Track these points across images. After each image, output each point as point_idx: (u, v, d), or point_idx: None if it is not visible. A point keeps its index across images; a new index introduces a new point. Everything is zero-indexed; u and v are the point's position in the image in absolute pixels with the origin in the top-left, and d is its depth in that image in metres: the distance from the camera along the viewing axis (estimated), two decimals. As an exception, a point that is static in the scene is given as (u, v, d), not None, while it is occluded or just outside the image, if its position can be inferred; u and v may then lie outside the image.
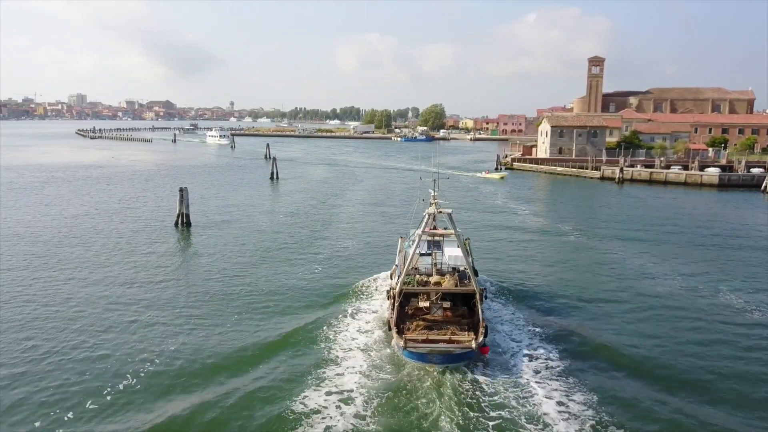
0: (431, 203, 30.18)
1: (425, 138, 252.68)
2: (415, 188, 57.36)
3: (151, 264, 41.55)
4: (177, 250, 46.54)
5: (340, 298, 34.35)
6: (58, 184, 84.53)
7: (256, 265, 42.02)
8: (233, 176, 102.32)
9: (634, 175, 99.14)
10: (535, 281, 39.21)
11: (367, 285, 36.70)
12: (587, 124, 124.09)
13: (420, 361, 24.93)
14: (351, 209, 68.12)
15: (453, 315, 28.76)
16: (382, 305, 31.80)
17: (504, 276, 39.92)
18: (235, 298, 34.47)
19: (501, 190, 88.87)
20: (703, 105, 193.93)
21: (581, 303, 34.80)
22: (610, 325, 31.40)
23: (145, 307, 32.69)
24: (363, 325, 29.65)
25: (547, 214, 68.56)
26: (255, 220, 59.12)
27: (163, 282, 37.47)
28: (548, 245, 51.38)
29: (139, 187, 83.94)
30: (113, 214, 60.54)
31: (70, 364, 25.37)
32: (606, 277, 40.65)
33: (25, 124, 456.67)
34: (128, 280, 37.55)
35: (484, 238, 51.98)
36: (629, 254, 47.31)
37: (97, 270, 39.72)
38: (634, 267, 43.35)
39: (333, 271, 40.43)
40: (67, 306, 32.52)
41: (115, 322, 30.33)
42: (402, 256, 32.70)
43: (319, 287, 36.59)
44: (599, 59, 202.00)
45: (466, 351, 24.95)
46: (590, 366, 26.02)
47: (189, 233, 52.35)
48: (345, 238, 51.15)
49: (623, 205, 75.27)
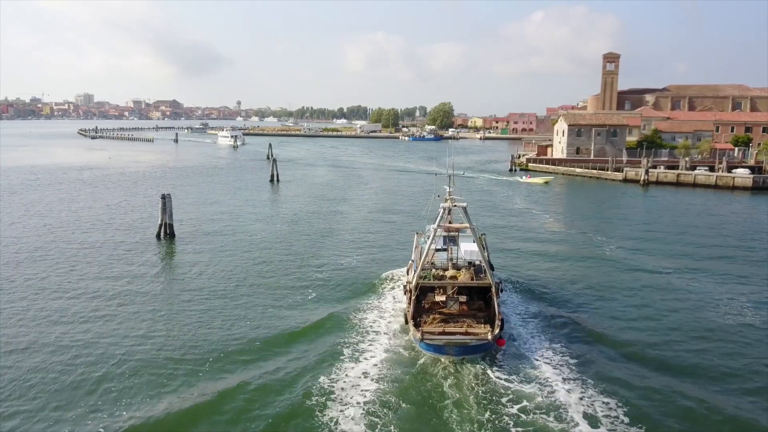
0: (446, 199, 30.02)
1: (434, 137, 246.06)
2: (427, 191, 57.04)
3: (118, 290, 35.59)
4: (155, 267, 40.48)
5: (356, 295, 34.31)
6: (42, 188, 78.83)
7: (247, 283, 36.17)
8: (231, 178, 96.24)
9: (659, 177, 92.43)
10: (552, 279, 38.55)
11: (382, 281, 36.74)
12: (606, 122, 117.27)
13: (437, 353, 25.21)
14: (357, 215, 61.83)
15: (469, 308, 28.89)
16: (399, 300, 32.26)
17: (520, 273, 39.45)
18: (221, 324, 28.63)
19: (518, 192, 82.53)
20: (723, 103, 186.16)
21: (600, 302, 34.26)
22: (627, 322, 30.91)
23: (106, 342, 26.82)
24: (380, 320, 29.93)
25: (567, 218, 62.58)
26: (249, 229, 53.03)
27: (128, 311, 31.54)
28: (569, 249, 47.88)
29: (128, 191, 77.95)
30: (91, 224, 54.63)
31: None
32: (629, 281, 38.63)
33: (30, 123, 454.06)
34: (90, 310, 31.61)
35: (501, 241, 48.12)
36: (663, 264, 42.44)
37: (53, 300, 33.81)
38: (667, 277, 39.11)
39: (338, 284, 35.45)
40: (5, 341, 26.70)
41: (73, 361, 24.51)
42: (418, 251, 32.96)
43: (329, 291, 34.84)
44: (614, 55, 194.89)
45: (483, 343, 25.16)
46: (606, 358, 26.15)
47: (172, 246, 46.36)
48: (348, 250, 44.98)
49: (652, 210, 68.73)
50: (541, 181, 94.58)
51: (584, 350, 26.63)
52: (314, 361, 25.08)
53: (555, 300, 34.16)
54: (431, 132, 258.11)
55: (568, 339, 27.91)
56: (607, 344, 27.73)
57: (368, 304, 32.16)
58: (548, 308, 32.39)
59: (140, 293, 34.55)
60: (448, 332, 26.09)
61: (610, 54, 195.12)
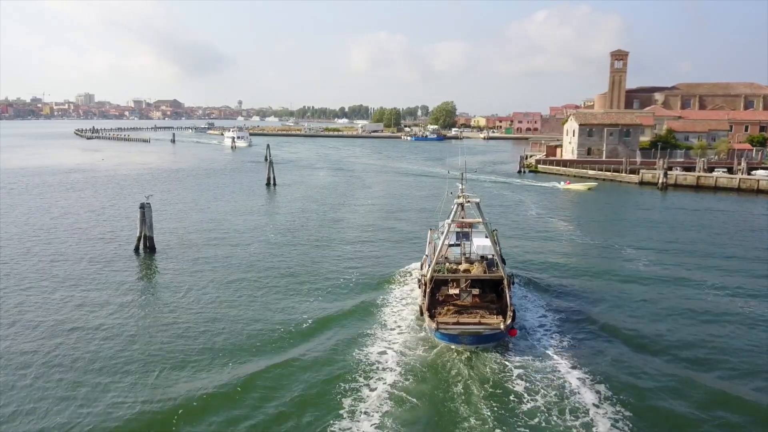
0: (459, 195, 30.64)
1: (436, 137, 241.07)
2: (434, 195, 57.89)
3: (90, 316, 30.80)
4: (130, 287, 35.69)
5: (371, 290, 34.99)
6: (22, 193, 73.97)
7: (236, 303, 31.41)
8: (225, 181, 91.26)
9: (678, 179, 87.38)
10: (564, 276, 39.02)
11: (396, 277, 37.52)
12: (619, 122, 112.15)
13: (451, 342, 25.95)
14: (358, 222, 56.87)
15: (482, 301, 29.49)
16: (414, 293, 33.28)
17: (533, 271, 40.09)
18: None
19: (531, 197, 77.57)
20: (735, 101, 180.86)
21: (612, 300, 34.34)
22: (638, 320, 31.05)
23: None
24: (395, 312, 30.85)
25: (583, 221, 57.92)
26: (239, 240, 48.16)
27: (101, 335, 26.75)
28: (584, 251, 47.13)
29: (113, 196, 72.96)
30: (68, 234, 49.79)
31: None
32: (645, 283, 37.98)
33: (29, 123, 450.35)
34: (54, 335, 26.85)
35: (515, 246, 45.55)
36: (685, 271, 40.46)
37: (13, 323, 29.06)
38: (688, 284, 37.40)
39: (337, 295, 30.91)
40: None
41: None
42: (432, 246, 33.61)
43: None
44: (622, 53, 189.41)
45: (495, 332, 25.88)
46: (614, 350, 26.80)
47: (151, 262, 41.54)
48: (348, 267, 40.14)
49: (675, 215, 63.77)
50: (584, 188, 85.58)
51: (593, 342, 27.62)
52: (334, 350, 26.24)
53: (566, 294, 34.83)
54: (434, 132, 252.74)
55: (578, 331, 28.80)
56: (616, 336, 28.46)
57: (383, 299, 33.11)
58: (559, 302, 33.18)
59: (102, 326, 29.73)
60: (463, 322, 26.80)
61: (619, 51, 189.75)
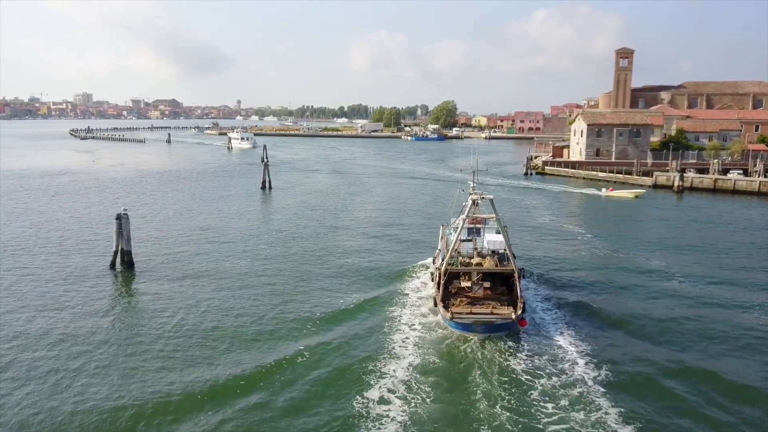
0: (471, 192, 32.12)
1: (437, 137, 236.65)
2: (441, 201, 58.36)
3: (25, 354, 26.60)
4: (97, 310, 31.45)
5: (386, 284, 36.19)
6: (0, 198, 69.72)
7: (222, 328, 27.19)
8: (218, 185, 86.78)
9: (693, 182, 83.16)
10: (575, 276, 39.76)
11: (407, 276, 38.15)
12: (628, 121, 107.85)
13: (465, 331, 27.32)
14: (357, 231, 52.64)
15: (493, 293, 30.71)
16: (427, 287, 34.66)
17: (544, 270, 40.90)
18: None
19: (543, 201, 73.28)
20: (743, 100, 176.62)
21: (622, 297, 35.20)
22: (648, 319, 31.31)
23: None
24: (410, 304, 32.25)
25: (597, 227, 53.36)
26: (230, 251, 43.94)
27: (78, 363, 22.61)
28: (597, 255, 46.34)
29: (97, 201, 68.48)
30: (41, 245, 45.53)
31: None
32: (656, 282, 38.78)
33: (25, 123, 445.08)
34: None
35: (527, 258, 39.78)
36: (704, 277, 39.26)
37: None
38: (705, 289, 35.71)
39: None
40: None
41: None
42: (444, 242, 35.21)
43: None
44: (628, 51, 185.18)
45: (507, 322, 27.25)
46: (620, 341, 27.94)
47: (128, 279, 37.30)
48: (349, 286, 35.94)
49: (695, 220, 59.58)
50: (631, 195, 77.53)
51: (601, 334, 28.83)
52: (352, 338, 27.67)
53: (575, 289, 36.21)
54: (435, 131, 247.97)
55: (586, 324, 30.03)
56: (622, 328, 29.86)
57: (397, 292, 34.55)
58: (569, 297, 34.32)
59: (71, 353, 25.52)
60: (476, 312, 28.20)
61: (624, 50, 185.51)
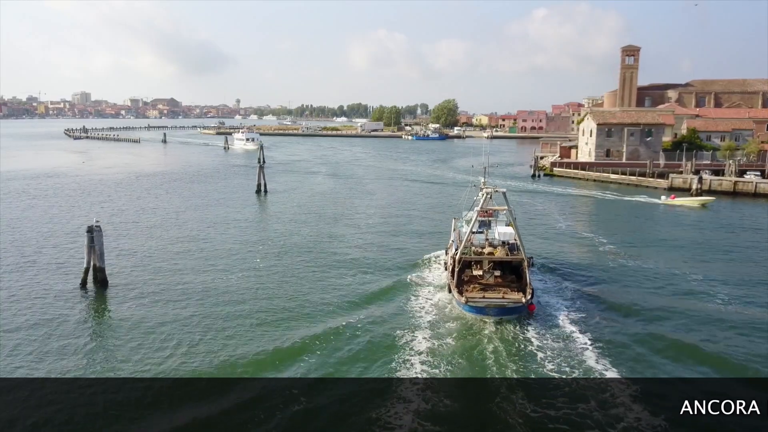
0: (481, 187, 35.70)
1: (438, 136, 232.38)
2: (449, 206, 59.40)
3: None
4: (60, 335, 27.24)
5: None
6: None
7: (209, 355, 22.99)
8: (211, 188, 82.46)
9: (712, 184, 78.92)
10: (586, 273, 40.80)
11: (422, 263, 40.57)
12: (640, 121, 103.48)
13: (478, 314, 29.63)
14: (358, 242, 48.40)
15: (503, 281, 33.22)
16: (441, 276, 36.96)
17: (555, 266, 40.54)
18: None
19: (554, 206, 69.06)
20: (752, 98, 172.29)
21: (629, 287, 36.92)
22: (653, 310, 32.35)
23: None
24: (425, 291, 34.65)
25: (612, 233, 49.03)
26: (220, 265, 39.74)
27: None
28: (610, 258, 45.56)
29: (76, 206, 64.09)
30: (10, 260, 41.33)
31: None
32: (666, 282, 38.51)
33: (21, 123, 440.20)
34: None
35: None
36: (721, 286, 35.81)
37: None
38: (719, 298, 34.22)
39: None
40: None
41: None
42: (456, 233, 37.95)
43: None
44: (634, 48, 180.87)
45: (517, 306, 29.66)
46: (624, 325, 29.93)
47: (100, 299, 33.09)
48: (362, 277, 31.80)
49: (719, 226, 55.38)
50: (696, 204, 70.10)
51: (605, 319, 30.57)
52: (372, 323, 29.33)
53: (582, 279, 37.99)
54: (436, 131, 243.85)
55: (592, 310, 31.87)
56: (628, 315, 31.52)
57: (412, 281, 36.62)
58: (576, 286, 36.04)
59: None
60: (488, 297, 30.60)
61: (630, 47, 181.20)
